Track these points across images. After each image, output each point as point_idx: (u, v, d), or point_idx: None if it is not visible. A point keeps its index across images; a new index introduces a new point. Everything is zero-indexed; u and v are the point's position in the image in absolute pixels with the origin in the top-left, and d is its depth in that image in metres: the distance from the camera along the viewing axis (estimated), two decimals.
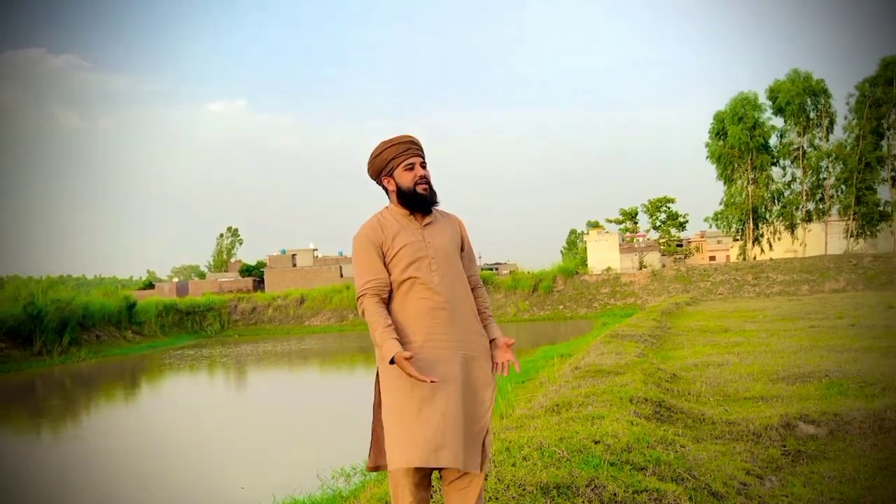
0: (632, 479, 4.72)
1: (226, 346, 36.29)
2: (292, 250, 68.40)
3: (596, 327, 30.70)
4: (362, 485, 7.06)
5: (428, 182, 3.39)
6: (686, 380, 9.83)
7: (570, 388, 8.55)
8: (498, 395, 10.22)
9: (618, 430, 5.75)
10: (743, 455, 6.08)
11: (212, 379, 23.89)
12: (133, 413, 17.25)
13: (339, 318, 46.51)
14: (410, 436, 3.13)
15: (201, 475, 10.20)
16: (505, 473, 4.70)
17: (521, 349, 25.09)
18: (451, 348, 3.25)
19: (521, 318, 44.04)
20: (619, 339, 14.76)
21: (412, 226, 3.38)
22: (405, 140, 3.39)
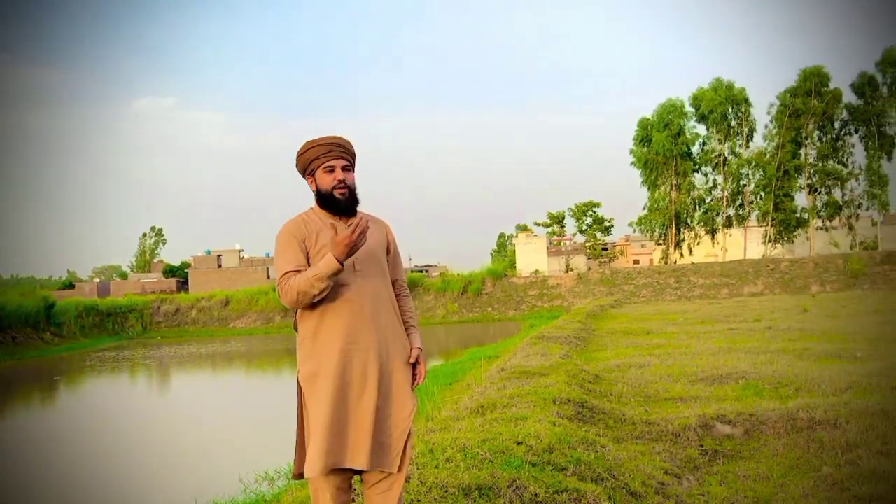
0: (553, 479, 4.76)
1: (148, 348, 35.45)
2: (217, 251, 67.17)
3: (523, 329, 30.96)
4: (286, 488, 6.98)
5: (347, 186, 3.33)
6: (608, 381, 9.98)
7: (495, 390, 8.58)
8: (424, 398, 10.27)
9: (540, 431, 5.80)
10: (662, 455, 6.19)
11: (133, 382, 23.29)
12: (50, 417, 16.70)
13: (265, 321, 45.89)
14: (323, 441, 3.12)
15: (120, 480, 9.93)
16: (427, 475, 4.69)
17: (449, 351, 25.17)
18: (370, 350, 3.23)
19: (450, 319, 44.18)
20: (545, 341, 14.89)
21: (337, 227, 3.30)
22: (329, 141, 3.33)
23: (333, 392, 3.15)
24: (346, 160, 3.36)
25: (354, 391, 3.18)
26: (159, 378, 23.79)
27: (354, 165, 3.44)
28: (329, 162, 3.33)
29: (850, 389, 8.24)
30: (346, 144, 3.37)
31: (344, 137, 3.39)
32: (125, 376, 24.51)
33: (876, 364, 10.10)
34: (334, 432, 3.13)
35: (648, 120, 54.60)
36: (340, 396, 3.16)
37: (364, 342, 3.22)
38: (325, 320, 3.24)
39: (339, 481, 3.22)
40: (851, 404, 7.08)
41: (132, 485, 9.69)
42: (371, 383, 3.20)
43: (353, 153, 3.41)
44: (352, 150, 3.40)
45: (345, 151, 3.35)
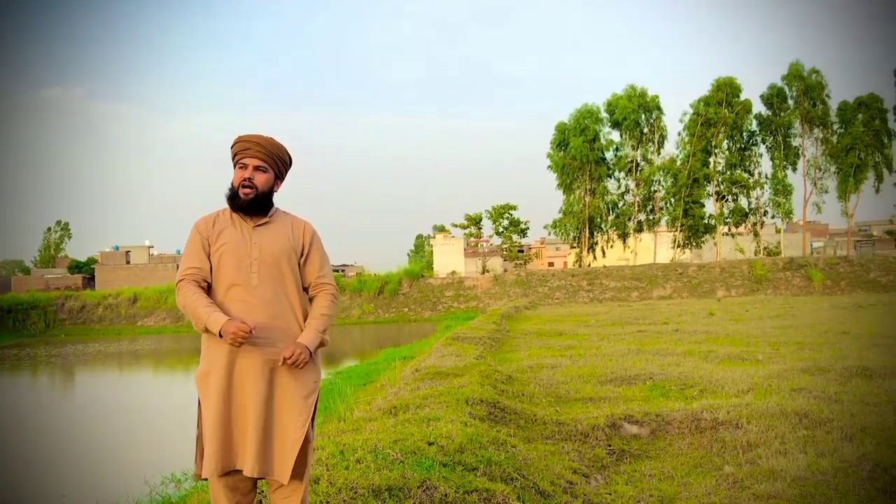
0: (463, 479, 4.78)
1: (51, 346, 34.16)
2: (126, 247, 65.30)
3: (439, 330, 31.04)
4: (192, 490, 6.82)
5: (252, 185, 3.28)
6: (521, 381, 10.08)
7: (409, 391, 8.58)
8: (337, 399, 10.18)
9: (452, 432, 5.82)
10: (571, 454, 6.29)
11: (34, 380, 22.42)
12: None
13: (174, 319, 44.79)
14: (212, 443, 3.12)
15: (18, 482, 9.54)
16: (337, 477, 4.65)
17: (364, 351, 25.05)
18: (264, 354, 3.19)
19: (366, 320, 43.99)
20: (460, 342, 14.96)
21: (243, 226, 3.31)
22: (249, 139, 3.30)
23: (221, 394, 3.14)
24: (262, 160, 3.30)
25: (241, 395, 3.15)
26: (62, 377, 22.95)
27: (279, 170, 3.38)
28: (244, 159, 3.30)
29: (752, 391, 8.53)
30: (266, 145, 3.31)
31: (272, 139, 3.34)
32: (26, 375, 23.58)
33: (776, 366, 10.48)
34: (222, 434, 3.12)
35: (566, 124, 55.40)
36: (227, 399, 3.14)
37: (256, 346, 3.17)
38: None
39: (236, 483, 3.20)
40: (752, 405, 7.33)
41: (31, 487, 9.32)
42: (258, 389, 3.16)
43: (275, 156, 3.34)
44: (274, 153, 3.34)
45: (263, 151, 3.29)
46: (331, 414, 8.83)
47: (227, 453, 3.10)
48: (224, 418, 3.12)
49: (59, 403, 18.18)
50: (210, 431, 3.12)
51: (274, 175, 3.36)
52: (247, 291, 3.21)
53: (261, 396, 3.13)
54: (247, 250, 3.25)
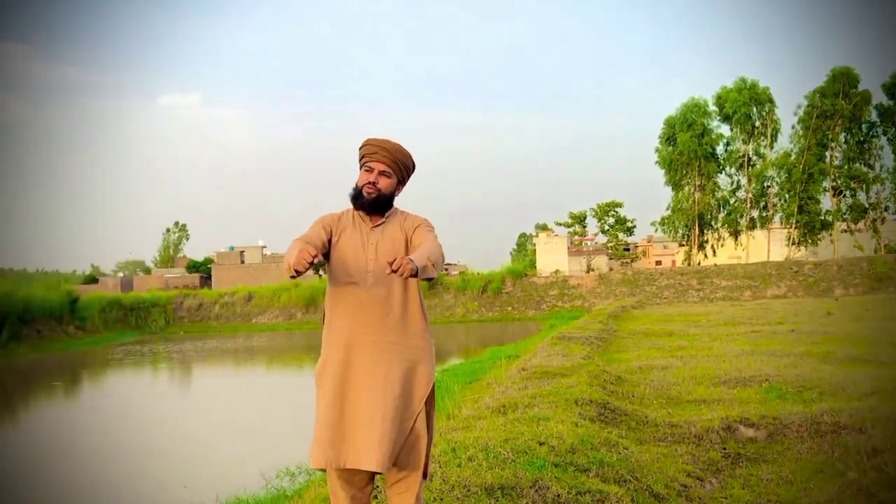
0: (575, 480, 4.74)
1: (171, 342, 35.72)
2: (241, 247, 67.65)
3: (543, 329, 30.87)
4: (307, 484, 7.02)
5: (376, 188, 3.38)
6: (631, 382, 9.93)
7: (516, 390, 8.57)
8: (445, 396, 10.28)
9: (562, 432, 5.78)
10: (684, 457, 6.16)
11: (155, 376, 23.49)
12: (73, 410, 16.87)
13: (287, 317, 46.11)
14: (321, 436, 3.21)
15: (143, 474, 10.02)
16: (450, 474, 4.69)
17: (469, 349, 25.15)
18: (377, 350, 3.26)
19: (470, 318, 44.16)
20: (566, 342, 14.84)
21: (362, 226, 3.42)
22: (376, 143, 3.41)
23: (335, 388, 3.24)
24: (387, 166, 3.39)
25: (355, 390, 3.22)
26: (182, 372, 23.96)
27: (402, 176, 3.47)
28: (370, 162, 3.41)
29: (875, 394, 8.14)
30: (393, 150, 3.41)
31: (398, 145, 3.44)
32: (147, 370, 24.72)
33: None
34: (332, 428, 3.20)
35: (674, 118, 54.22)
36: (340, 393, 3.23)
37: (372, 340, 3.26)
38: (335, 318, 3.34)
39: (351, 476, 3.28)
40: (877, 409, 7.00)
41: (154, 479, 9.76)
42: (372, 384, 3.22)
43: (400, 162, 3.43)
44: (399, 159, 3.43)
45: (389, 156, 3.39)
46: (439, 411, 8.90)
47: (335, 448, 3.17)
48: (336, 412, 3.21)
49: (179, 397, 18.99)
50: (322, 423, 3.22)
51: (397, 180, 3.45)
52: (362, 290, 3.30)
53: (375, 391, 3.20)
54: (363, 250, 3.35)
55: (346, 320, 3.29)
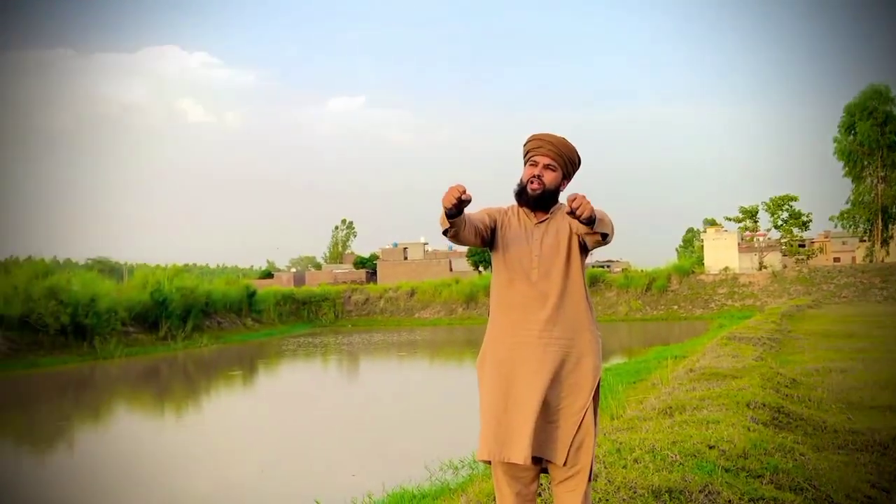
0: (748, 486, 4.57)
1: (339, 335, 37.18)
2: (404, 244, 69.48)
3: (711, 329, 29.90)
4: (470, 478, 7.10)
5: (541, 182, 3.34)
6: (807, 385, 9.47)
7: (683, 391, 8.36)
8: (609, 396, 10.14)
9: (733, 436, 5.59)
10: (868, 467, 5.80)
11: (325, 367, 24.51)
12: (248, 398, 17.89)
13: (448, 312, 46.90)
14: (486, 429, 3.21)
15: (313, 461, 10.48)
16: (615, 475, 4.63)
17: (633, 348, 24.70)
18: (541, 344, 3.23)
19: (633, 317, 43.31)
20: (737, 342, 14.34)
21: (526, 222, 3.40)
22: (539, 137, 3.38)
23: (497, 381, 3.23)
24: (552, 159, 3.35)
25: (518, 384, 3.21)
26: (349, 364, 24.87)
27: (568, 170, 3.42)
28: (535, 157, 3.37)
29: None
30: (558, 144, 3.36)
31: (564, 139, 3.39)
32: (318, 362, 25.82)
33: None
34: (497, 421, 3.19)
35: (853, 106, 50.94)
36: (504, 387, 3.22)
37: (537, 334, 3.23)
38: (499, 312, 3.34)
39: (516, 471, 3.25)
40: None
41: (324, 465, 10.19)
42: (536, 378, 3.19)
43: (566, 156, 3.38)
44: (565, 153, 3.38)
45: (554, 150, 3.35)
46: (603, 411, 8.80)
47: (501, 440, 3.16)
48: (500, 406, 3.20)
49: (347, 388, 19.74)
50: (487, 417, 3.22)
51: (562, 175, 3.41)
52: (528, 286, 3.28)
53: (539, 385, 3.17)
54: (528, 246, 3.33)
55: (511, 315, 3.29)
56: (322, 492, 8.05)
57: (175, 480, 9.75)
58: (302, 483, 9.15)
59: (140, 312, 31.09)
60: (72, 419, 15.11)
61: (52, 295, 26.06)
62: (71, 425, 14.35)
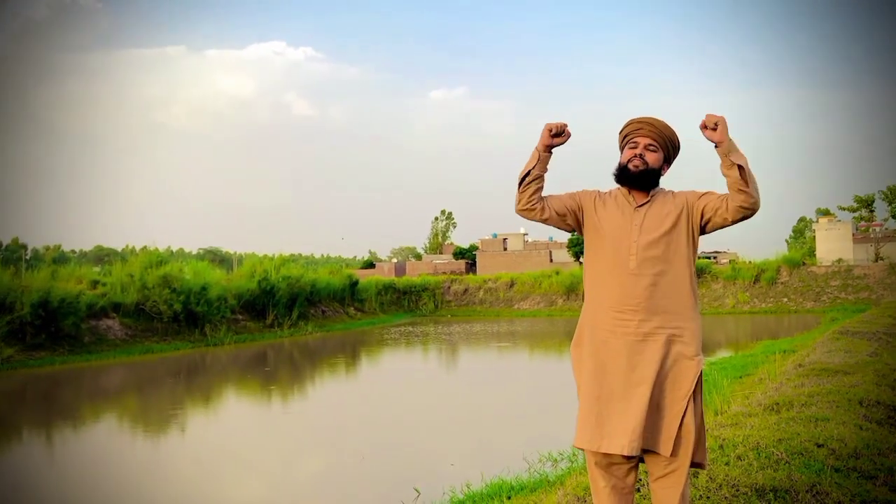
0: (859, 487, 4.37)
1: (439, 325, 37.49)
2: (503, 234, 69.39)
3: (823, 322, 28.79)
4: (568, 471, 7.05)
5: (643, 161, 3.27)
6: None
7: (791, 387, 8.09)
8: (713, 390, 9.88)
9: (844, 435, 5.37)
10: None
11: (425, 356, 24.76)
12: (351, 386, 18.24)
13: (548, 303, 46.64)
14: (584, 416, 3.18)
15: (414, 448, 10.61)
16: (717, 472, 4.52)
17: (739, 342, 24.04)
18: (641, 333, 3.15)
19: (741, 310, 42.07)
20: (850, 337, 13.79)
21: (625, 207, 3.31)
22: (642, 120, 3.33)
23: (593, 368, 3.20)
24: (654, 140, 3.30)
25: (613, 373, 3.16)
26: (449, 354, 25.03)
27: (668, 153, 3.36)
28: (635, 138, 3.33)
29: None
30: (659, 126, 3.31)
31: (664, 122, 3.34)
32: (418, 351, 26.11)
33: None
34: (593, 411, 3.16)
35: None
36: (600, 377, 3.18)
37: (634, 322, 3.16)
38: (595, 299, 3.30)
39: (611, 464, 3.21)
40: None
41: (424, 453, 10.31)
42: (631, 366, 3.14)
43: (667, 137, 3.33)
44: (666, 134, 3.32)
45: (655, 131, 3.30)
46: (707, 406, 8.59)
47: (596, 429, 3.12)
48: (596, 393, 3.16)
49: (448, 377, 19.88)
50: (584, 406, 3.19)
51: (663, 157, 3.34)
52: (626, 273, 3.20)
53: (635, 376, 3.11)
54: (626, 231, 3.24)
55: (608, 304, 3.21)
56: (421, 480, 8.15)
57: (277, 466, 10.04)
58: (402, 471, 9.28)
59: (248, 300, 32.11)
60: (184, 404, 15.74)
61: (165, 283, 27.17)
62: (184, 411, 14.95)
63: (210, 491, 9.13)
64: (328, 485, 9.07)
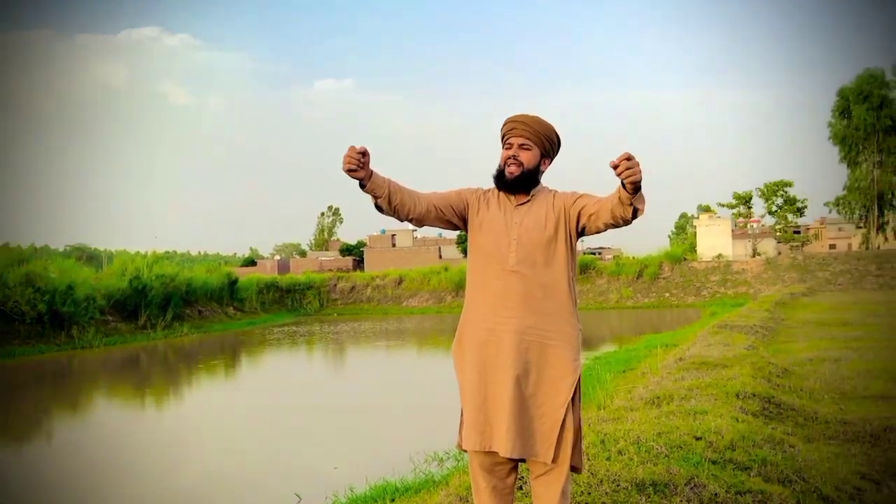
0: (735, 478, 4.47)
1: (325, 324, 36.94)
2: (392, 230, 69.33)
3: (703, 317, 29.92)
4: (454, 470, 6.97)
5: (517, 162, 3.23)
6: (799, 375, 9.37)
7: (672, 380, 8.25)
8: (596, 385, 10.00)
9: (721, 427, 5.48)
10: (858, 458, 5.69)
11: (309, 357, 24.30)
12: (229, 389, 17.68)
13: (437, 300, 46.77)
14: (469, 419, 3.17)
15: (294, 452, 10.30)
16: (599, 468, 4.51)
17: (623, 337, 24.63)
18: (519, 332, 3.13)
19: (625, 304, 43.29)
20: (728, 330, 14.29)
21: (506, 205, 3.30)
22: (512, 119, 3.30)
23: (475, 369, 3.17)
24: (527, 138, 3.24)
25: (495, 373, 3.13)
26: (334, 354, 24.68)
27: (546, 148, 3.29)
28: (510, 139, 3.28)
29: None
30: (531, 123, 3.25)
31: (537, 118, 3.28)
32: (302, 351, 25.62)
33: None
34: (476, 411, 3.14)
35: (848, 90, 50.90)
36: (481, 374, 3.15)
37: (514, 322, 3.13)
38: (475, 299, 3.27)
39: (493, 465, 3.20)
40: None
41: (305, 457, 10.01)
42: (513, 368, 3.10)
43: (541, 133, 3.26)
44: (540, 131, 3.26)
45: (528, 129, 3.24)
46: (590, 401, 8.67)
47: (483, 429, 3.12)
48: (479, 393, 3.15)
49: (332, 378, 19.56)
50: (466, 404, 3.19)
51: (540, 154, 3.29)
52: (504, 271, 3.19)
53: (515, 375, 3.09)
54: (506, 230, 3.23)
55: (487, 300, 3.20)
56: (303, 486, 7.89)
57: (153, 473, 9.56)
58: (282, 476, 8.97)
59: (119, 300, 30.62)
60: (50, 410, 14.91)
61: (28, 282, 25.64)
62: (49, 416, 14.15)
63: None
64: (203, 494, 8.67)
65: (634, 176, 2.76)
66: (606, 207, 3.04)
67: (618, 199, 2.94)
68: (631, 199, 2.89)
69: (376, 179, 3.10)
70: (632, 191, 2.82)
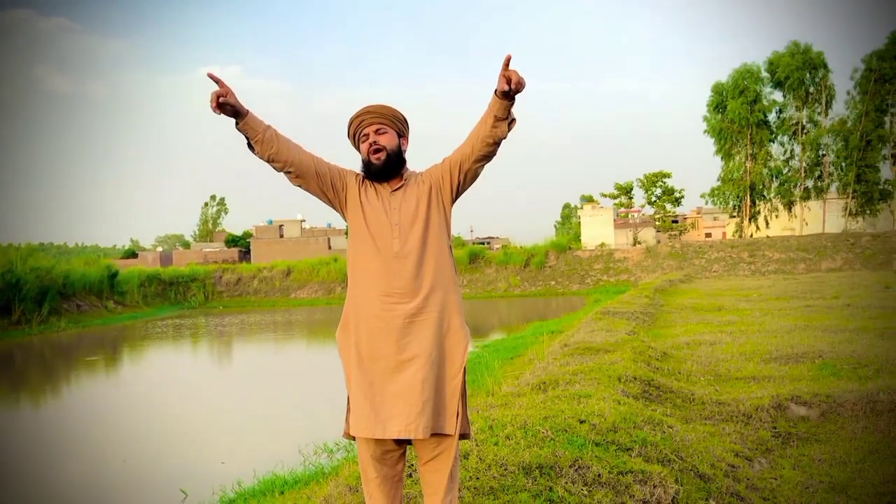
0: (617, 459, 4.59)
1: (210, 317, 35.99)
2: (279, 221, 68.07)
3: (588, 304, 30.64)
4: (345, 461, 6.94)
5: (381, 148, 3.25)
6: (677, 359, 9.71)
7: (558, 366, 8.40)
8: (485, 372, 10.11)
9: (604, 410, 5.61)
10: (732, 436, 5.97)
11: (194, 351, 23.64)
12: (111, 385, 17.03)
13: (326, 291, 46.32)
14: (356, 405, 3.15)
15: (180, 449, 10.01)
16: (487, 453, 4.55)
17: (511, 325, 25.00)
18: (409, 316, 3.15)
19: (512, 293, 43.97)
20: (611, 317, 14.65)
21: (382, 192, 3.30)
22: (360, 112, 3.30)
23: (359, 352, 3.16)
24: (380, 123, 3.27)
25: (389, 355, 3.12)
26: (220, 347, 24.11)
27: (399, 128, 3.32)
28: (364, 131, 3.29)
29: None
30: (376, 109, 3.28)
31: (381, 104, 3.31)
32: (187, 345, 24.91)
33: None
34: (365, 398, 3.12)
35: (723, 85, 53.11)
36: (373, 358, 3.14)
37: (398, 310, 3.14)
38: (359, 284, 3.23)
39: (382, 453, 3.21)
40: None
41: (191, 453, 9.75)
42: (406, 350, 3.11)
43: (391, 116, 3.29)
44: (388, 114, 3.29)
45: (377, 115, 3.27)
46: (479, 388, 8.76)
47: (374, 416, 3.10)
48: (369, 379, 3.13)
49: (217, 372, 19.12)
50: (355, 390, 3.16)
51: (397, 134, 3.32)
52: (390, 256, 3.19)
53: (410, 357, 3.11)
54: (386, 215, 3.23)
55: (374, 288, 3.18)
56: (189, 482, 7.70)
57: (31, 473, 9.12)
58: (167, 472, 8.72)
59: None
60: None
61: None
62: None
63: None
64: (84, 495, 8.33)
65: (522, 83, 2.86)
66: (478, 137, 3.12)
67: (492, 119, 3.02)
68: (509, 108, 2.98)
69: (252, 122, 3.12)
70: (512, 96, 2.90)
